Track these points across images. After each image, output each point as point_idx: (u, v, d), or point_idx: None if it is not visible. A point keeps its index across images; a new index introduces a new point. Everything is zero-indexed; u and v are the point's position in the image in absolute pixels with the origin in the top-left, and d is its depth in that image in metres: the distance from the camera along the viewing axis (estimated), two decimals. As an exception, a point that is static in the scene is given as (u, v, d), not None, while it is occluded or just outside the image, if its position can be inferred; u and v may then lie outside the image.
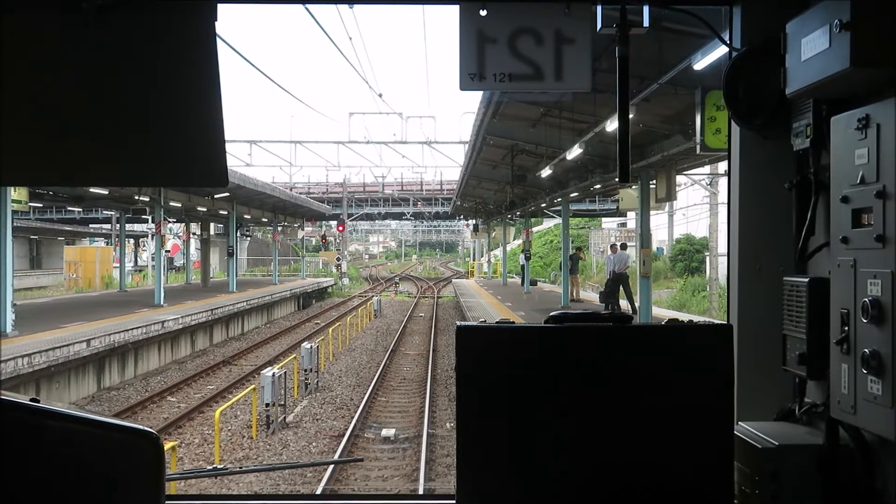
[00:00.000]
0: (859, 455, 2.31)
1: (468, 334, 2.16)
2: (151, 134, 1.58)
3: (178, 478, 2.90)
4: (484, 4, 2.66)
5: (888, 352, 2.03)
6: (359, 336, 29.85)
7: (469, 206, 50.34)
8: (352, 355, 24.88)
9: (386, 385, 19.83)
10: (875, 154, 2.10)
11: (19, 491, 1.63)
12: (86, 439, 1.71)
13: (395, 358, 24.16)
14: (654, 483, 2.15)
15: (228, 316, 29.00)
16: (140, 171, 1.62)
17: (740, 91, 2.69)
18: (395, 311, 40.12)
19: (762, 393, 2.68)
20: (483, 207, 43.74)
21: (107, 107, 1.56)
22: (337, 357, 24.26)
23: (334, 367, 22.27)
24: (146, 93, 1.57)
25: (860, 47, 2.07)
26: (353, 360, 23.84)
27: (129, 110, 1.57)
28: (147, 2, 1.56)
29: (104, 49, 1.55)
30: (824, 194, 2.47)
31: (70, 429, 1.70)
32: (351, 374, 21.23)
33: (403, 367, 22.71)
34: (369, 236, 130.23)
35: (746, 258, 2.75)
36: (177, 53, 1.56)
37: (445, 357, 24.05)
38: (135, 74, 1.57)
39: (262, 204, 38.40)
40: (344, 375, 21.04)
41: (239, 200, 35.38)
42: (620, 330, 2.20)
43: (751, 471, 2.38)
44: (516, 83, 2.70)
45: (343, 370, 21.90)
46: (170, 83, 1.56)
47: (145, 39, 1.55)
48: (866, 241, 2.13)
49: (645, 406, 2.15)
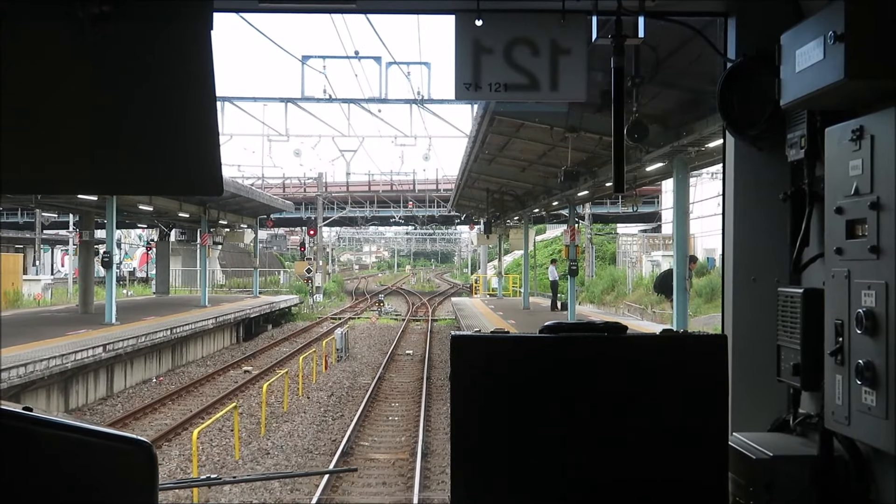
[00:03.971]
0: (853, 466, 2.29)
1: (463, 344, 2.09)
2: (146, 143, 1.51)
3: (171, 487, 2.74)
4: (479, 14, 2.66)
5: (882, 363, 2.05)
6: (296, 407, 17.21)
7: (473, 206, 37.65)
8: (267, 459, 12.32)
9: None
10: (869, 165, 2.10)
11: (11, 500, 1.62)
12: (78, 448, 1.68)
13: (349, 479, 11.54)
14: (649, 494, 2.06)
15: (76, 371, 16.38)
16: (134, 180, 1.56)
17: (735, 102, 2.68)
18: (372, 344, 27.62)
19: (757, 403, 2.68)
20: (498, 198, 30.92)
21: (101, 115, 1.49)
22: (239, 463, 11.58)
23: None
24: (141, 101, 1.49)
25: (855, 59, 2.07)
26: (261, 480, 11.16)
27: (124, 119, 1.50)
28: (143, 10, 1.48)
29: (99, 57, 1.48)
30: (819, 205, 2.47)
31: (63, 437, 1.67)
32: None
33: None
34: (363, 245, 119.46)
35: (741, 269, 2.76)
36: (172, 62, 1.50)
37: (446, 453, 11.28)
38: (130, 83, 1.50)
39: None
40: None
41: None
42: (615, 340, 2.11)
43: (745, 482, 2.38)
44: (512, 93, 2.72)
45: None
46: (165, 92, 1.50)
47: (141, 48, 1.48)
48: (860, 252, 2.13)
49: (638, 416, 2.06)
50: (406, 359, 24.48)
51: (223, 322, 26.16)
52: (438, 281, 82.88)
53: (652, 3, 2.67)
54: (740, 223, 2.73)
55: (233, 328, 28.03)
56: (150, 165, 1.50)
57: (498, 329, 2.16)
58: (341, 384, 19.76)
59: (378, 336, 30.12)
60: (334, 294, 52.65)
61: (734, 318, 2.73)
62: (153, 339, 19.80)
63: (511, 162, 23.20)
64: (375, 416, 16.42)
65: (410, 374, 21.59)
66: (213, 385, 19.77)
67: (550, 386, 2.05)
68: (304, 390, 18.64)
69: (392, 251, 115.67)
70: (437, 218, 58.96)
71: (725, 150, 2.80)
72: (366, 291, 59.49)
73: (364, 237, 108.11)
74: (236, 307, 29.48)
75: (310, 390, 18.85)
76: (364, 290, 61.23)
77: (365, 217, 58.92)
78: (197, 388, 19.22)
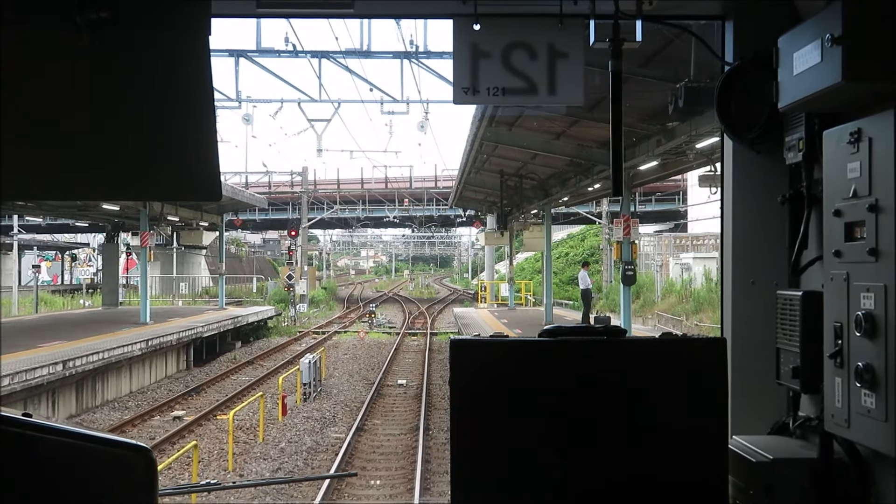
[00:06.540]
0: (853, 469, 2.26)
1: (462, 348, 2.05)
2: (144, 148, 1.49)
3: (171, 493, 2.62)
4: (478, 19, 2.64)
5: (881, 365, 2.01)
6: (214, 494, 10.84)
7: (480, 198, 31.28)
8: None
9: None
10: (867, 168, 2.08)
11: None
12: (78, 454, 1.68)
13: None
14: (649, 497, 2.03)
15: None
16: (132, 185, 1.53)
17: (733, 105, 2.65)
18: (356, 370, 21.33)
19: (756, 407, 2.65)
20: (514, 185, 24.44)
21: (100, 120, 1.47)
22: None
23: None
24: (140, 106, 1.49)
25: (852, 62, 2.04)
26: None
27: (123, 124, 1.48)
28: (141, 15, 1.46)
29: (97, 62, 1.47)
30: (817, 208, 2.44)
31: (62, 443, 1.67)
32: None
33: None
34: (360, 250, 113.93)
35: (740, 271, 2.72)
36: (171, 67, 1.49)
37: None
38: (128, 88, 1.49)
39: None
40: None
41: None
42: (614, 343, 2.07)
43: (745, 485, 2.35)
44: (510, 97, 2.68)
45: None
46: (163, 97, 1.49)
47: (139, 53, 1.47)
48: (859, 254, 2.11)
49: (638, 420, 2.03)
50: (398, 393, 18.20)
51: (163, 345, 19.84)
52: (437, 286, 76.44)
53: (649, 6, 2.58)
54: (739, 226, 2.72)
55: (179, 351, 21.70)
56: (147, 170, 1.48)
57: (497, 333, 2.12)
58: (300, 442, 13.43)
59: (365, 357, 23.81)
60: (323, 303, 46.21)
61: (733, 321, 2.71)
62: (28, 382, 13.43)
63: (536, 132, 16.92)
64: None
65: (402, 421, 15.30)
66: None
67: (550, 389, 2.03)
68: (244, 452, 12.33)
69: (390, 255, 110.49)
70: (435, 218, 52.70)
71: (724, 153, 2.78)
72: (360, 299, 53.07)
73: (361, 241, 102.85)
74: (186, 324, 23.04)
75: (250, 456, 12.53)
76: (358, 298, 54.82)
77: (357, 217, 52.59)
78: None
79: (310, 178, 46.31)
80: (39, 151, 1.42)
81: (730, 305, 2.71)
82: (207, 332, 23.17)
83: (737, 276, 2.70)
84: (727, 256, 2.74)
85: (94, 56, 1.41)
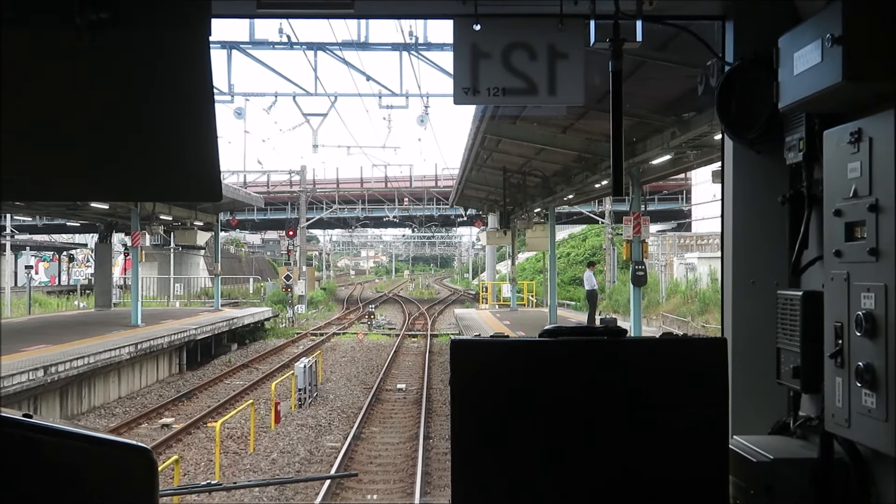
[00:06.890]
0: (854, 468, 2.25)
1: (463, 348, 2.04)
2: (144, 148, 1.49)
3: (171, 493, 2.61)
4: (478, 19, 2.64)
5: (882, 365, 2.00)
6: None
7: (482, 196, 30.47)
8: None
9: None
10: (868, 167, 2.07)
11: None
12: (78, 455, 1.68)
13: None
14: (650, 497, 2.02)
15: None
16: (133, 186, 1.55)
17: (733, 105, 2.65)
18: (354, 373, 20.56)
19: (757, 406, 2.64)
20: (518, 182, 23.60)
21: (100, 121, 1.48)
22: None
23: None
24: (140, 107, 1.49)
25: (852, 62, 2.03)
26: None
27: (123, 124, 1.48)
28: (141, 16, 1.47)
29: (97, 63, 1.47)
30: (817, 208, 2.44)
31: (62, 444, 1.66)
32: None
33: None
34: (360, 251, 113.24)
35: (740, 271, 2.72)
36: (171, 67, 1.49)
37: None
38: (129, 88, 1.49)
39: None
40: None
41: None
42: (614, 343, 2.07)
43: (746, 485, 2.34)
44: (510, 97, 2.68)
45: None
46: (164, 97, 1.49)
47: (139, 53, 1.47)
48: (860, 254, 2.10)
49: (639, 420, 2.02)
50: (397, 398, 17.42)
51: (153, 348, 19.04)
52: (438, 287, 75.72)
53: (650, 6, 2.58)
54: (739, 226, 2.72)
55: (171, 354, 20.91)
56: (147, 171, 1.47)
57: (497, 333, 2.11)
58: (293, 452, 12.64)
59: (364, 360, 23.03)
60: (322, 303, 45.37)
61: (734, 321, 2.70)
62: (6, 388, 12.64)
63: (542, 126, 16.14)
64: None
65: (401, 428, 14.53)
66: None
67: (550, 389, 2.02)
68: (233, 464, 11.54)
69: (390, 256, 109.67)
70: (436, 218, 51.83)
71: (724, 153, 2.78)
72: (359, 299, 52.27)
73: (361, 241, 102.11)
74: (179, 326, 22.26)
75: (238, 468, 11.73)
76: (358, 298, 54.02)
77: (356, 217, 51.75)
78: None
79: (308, 177, 45.42)
80: (40, 152, 1.41)
81: (730, 305, 2.73)
82: (201, 334, 22.35)
83: (737, 276, 2.71)
84: (727, 256, 2.75)
85: (94, 56, 1.41)
